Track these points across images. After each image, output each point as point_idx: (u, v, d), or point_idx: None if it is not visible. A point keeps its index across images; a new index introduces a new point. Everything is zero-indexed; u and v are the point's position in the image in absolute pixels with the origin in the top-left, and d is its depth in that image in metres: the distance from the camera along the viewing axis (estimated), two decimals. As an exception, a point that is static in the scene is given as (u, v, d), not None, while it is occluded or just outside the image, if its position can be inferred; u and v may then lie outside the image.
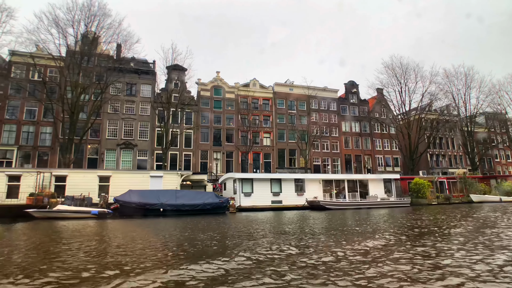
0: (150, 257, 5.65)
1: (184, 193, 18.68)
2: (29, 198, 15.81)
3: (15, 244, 7.73)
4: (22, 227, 11.97)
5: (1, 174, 17.35)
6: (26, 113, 33.61)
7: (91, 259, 5.50)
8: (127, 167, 34.80)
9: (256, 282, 3.77)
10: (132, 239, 8.34)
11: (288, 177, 23.02)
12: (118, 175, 19.67)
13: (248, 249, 6.14)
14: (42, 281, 3.97)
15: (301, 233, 9.17)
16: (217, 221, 14.09)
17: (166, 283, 3.82)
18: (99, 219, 14.92)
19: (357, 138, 44.65)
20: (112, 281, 3.87)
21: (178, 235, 9.22)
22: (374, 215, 15.49)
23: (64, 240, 8.38)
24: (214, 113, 39.43)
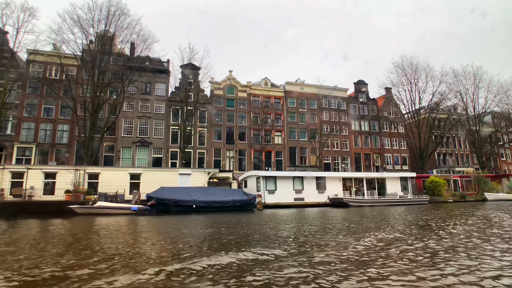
0: (215, 249, 6.22)
1: (214, 190, 19.25)
2: (68, 194, 16.32)
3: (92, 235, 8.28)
4: (75, 222, 12.51)
5: (38, 172, 17.84)
6: (43, 111, 33.99)
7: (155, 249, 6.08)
8: (143, 164, 35.27)
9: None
10: (189, 235, 8.92)
11: (310, 175, 23.64)
12: (149, 173, 20.20)
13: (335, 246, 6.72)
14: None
15: (360, 228, 9.74)
16: (256, 218, 14.67)
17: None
18: (139, 215, 15.47)
19: (366, 136, 45.28)
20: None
21: (236, 230, 9.78)
22: (405, 212, 16.09)
23: (129, 234, 8.96)
24: (227, 112, 39.94)
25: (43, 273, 4.33)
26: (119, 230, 10.07)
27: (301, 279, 3.85)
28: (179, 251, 6.09)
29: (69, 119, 34.70)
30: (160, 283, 3.84)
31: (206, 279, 3.94)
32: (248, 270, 4.38)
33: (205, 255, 5.43)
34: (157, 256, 5.56)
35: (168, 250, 6.19)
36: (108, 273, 4.25)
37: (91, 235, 8.79)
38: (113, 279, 3.92)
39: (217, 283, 3.72)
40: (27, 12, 28.14)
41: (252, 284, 3.71)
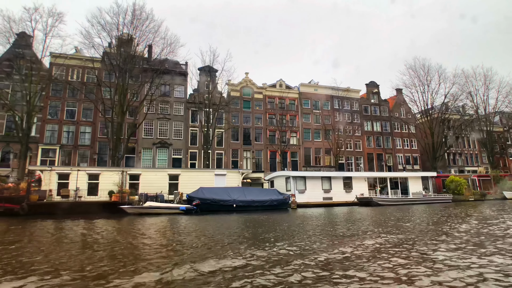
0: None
1: (250, 190, 19.90)
2: (115, 195, 16.92)
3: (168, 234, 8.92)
4: (134, 222, 13.12)
5: (83, 173, 18.42)
6: (66, 113, 34.52)
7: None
8: (163, 165, 35.85)
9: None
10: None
11: (337, 175, 24.36)
12: (186, 173, 20.82)
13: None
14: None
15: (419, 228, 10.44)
16: (300, 216, 15.35)
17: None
18: (187, 215, 16.10)
19: (378, 137, 46.06)
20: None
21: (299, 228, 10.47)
22: (440, 210, 16.83)
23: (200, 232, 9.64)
24: (244, 113, 40.60)
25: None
26: (187, 229, 10.74)
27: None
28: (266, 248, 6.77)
29: (90, 120, 35.28)
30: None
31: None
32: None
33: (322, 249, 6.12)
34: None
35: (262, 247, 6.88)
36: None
37: (174, 234, 9.44)
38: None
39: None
40: (55, 17, 28.68)
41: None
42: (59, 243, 7.73)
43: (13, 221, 12.80)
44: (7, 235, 8.93)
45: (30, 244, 7.48)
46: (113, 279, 4.11)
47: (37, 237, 8.99)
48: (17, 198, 15.83)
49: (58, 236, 9.19)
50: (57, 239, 8.58)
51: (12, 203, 15.69)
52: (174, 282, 3.98)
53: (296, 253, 5.71)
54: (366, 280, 3.85)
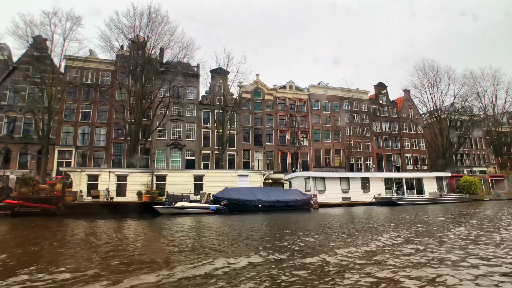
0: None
1: (274, 191, 20.34)
2: (146, 196, 17.33)
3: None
4: (174, 221, 13.54)
5: (112, 174, 18.81)
6: (81, 116, 34.91)
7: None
8: (176, 166, 36.25)
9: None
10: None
11: (355, 176, 24.80)
12: (211, 174, 21.23)
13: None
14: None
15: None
16: (328, 215, 15.79)
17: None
18: (217, 214, 16.52)
19: (387, 137, 46.52)
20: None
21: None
22: (467, 208, 17.28)
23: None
24: (255, 114, 41.03)
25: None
26: (232, 227, 11.18)
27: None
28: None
29: (105, 122, 35.69)
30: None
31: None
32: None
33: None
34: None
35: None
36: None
37: (221, 232, 9.88)
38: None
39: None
40: (73, 20, 29.08)
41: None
42: (149, 240, 8.19)
43: (58, 221, 13.19)
44: (99, 235, 9.28)
45: (135, 242, 7.90)
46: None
47: (123, 235, 9.42)
48: (53, 199, 16.23)
49: (128, 234, 9.65)
50: (134, 236, 9.05)
51: (48, 204, 16.08)
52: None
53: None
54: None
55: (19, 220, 13.60)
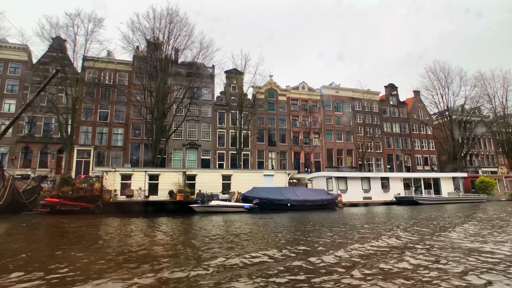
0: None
1: (301, 190, 20.84)
2: (180, 195, 17.82)
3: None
4: (215, 219, 14.03)
5: (144, 174, 19.30)
6: (99, 116, 35.37)
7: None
8: (192, 166, 36.71)
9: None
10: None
11: (375, 176, 25.31)
12: (238, 174, 21.72)
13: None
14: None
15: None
16: (359, 214, 16.29)
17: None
18: (251, 213, 17.01)
19: (397, 138, 47.03)
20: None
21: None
22: (497, 208, 17.78)
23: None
24: (268, 115, 41.51)
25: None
26: (278, 226, 11.70)
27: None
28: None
29: (123, 122, 36.16)
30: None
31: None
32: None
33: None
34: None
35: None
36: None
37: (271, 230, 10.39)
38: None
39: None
40: (95, 22, 29.56)
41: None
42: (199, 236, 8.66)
43: (108, 219, 13.67)
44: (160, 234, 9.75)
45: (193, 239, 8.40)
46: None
47: (171, 233, 9.90)
48: (91, 198, 16.71)
49: (180, 230, 10.12)
50: (185, 233, 9.52)
51: (87, 202, 16.55)
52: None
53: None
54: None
55: (69, 218, 14.07)
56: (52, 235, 9.78)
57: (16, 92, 33.33)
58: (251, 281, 4.03)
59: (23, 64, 34.02)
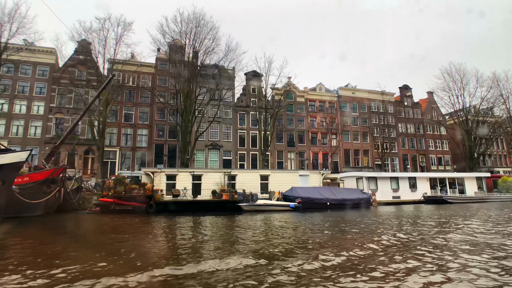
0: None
1: (338, 190, 21.51)
2: (225, 194, 18.48)
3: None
4: (268, 218, 14.72)
5: (188, 174, 19.95)
6: (124, 117, 36.03)
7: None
8: (214, 166, 37.38)
9: None
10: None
11: (403, 176, 25.99)
12: (275, 174, 22.38)
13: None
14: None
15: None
16: (399, 213, 16.97)
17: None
18: (295, 212, 17.68)
19: (412, 138, 47.70)
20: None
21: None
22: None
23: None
24: (287, 116, 42.17)
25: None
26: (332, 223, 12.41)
27: None
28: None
29: (147, 123, 36.83)
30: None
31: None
32: None
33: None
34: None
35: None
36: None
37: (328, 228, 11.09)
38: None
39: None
40: (124, 26, 30.23)
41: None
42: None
43: (166, 218, 14.35)
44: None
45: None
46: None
47: (244, 229, 10.58)
48: (144, 197, 17.35)
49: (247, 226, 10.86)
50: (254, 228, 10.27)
51: (139, 202, 17.20)
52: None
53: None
54: None
55: (132, 217, 14.73)
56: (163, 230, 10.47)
57: (44, 94, 33.96)
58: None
59: (50, 67, 34.66)
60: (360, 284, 4.12)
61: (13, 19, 27.22)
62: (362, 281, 4.24)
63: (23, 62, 32.43)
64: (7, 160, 10.88)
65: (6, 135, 32.09)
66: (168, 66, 38.88)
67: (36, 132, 33.23)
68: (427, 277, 4.35)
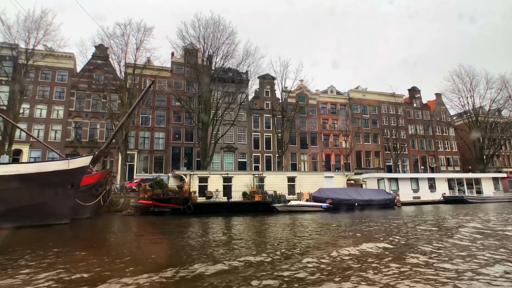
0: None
1: (363, 191, 22.06)
2: (258, 195, 19.00)
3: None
4: (310, 217, 15.27)
5: (218, 176, 20.48)
6: (141, 120, 36.53)
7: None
8: (230, 168, 37.87)
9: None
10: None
11: (423, 176, 26.56)
12: (301, 176, 22.90)
13: None
14: None
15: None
16: (427, 212, 17.55)
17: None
18: (327, 212, 18.22)
19: (421, 140, 48.35)
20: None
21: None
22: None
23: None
24: (300, 118, 42.75)
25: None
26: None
27: None
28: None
29: (163, 127, 37.35)
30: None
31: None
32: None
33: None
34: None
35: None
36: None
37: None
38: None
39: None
40: (145, 31, 30.78)
41: None
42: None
43: (205, 220, 14.89)
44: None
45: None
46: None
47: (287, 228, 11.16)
48: (181, 199, 17.83)
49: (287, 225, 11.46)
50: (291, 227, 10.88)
51: (177, 204, 17.67)
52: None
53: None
54: None
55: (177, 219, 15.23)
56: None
57: (63, 99, 34.43)
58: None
59: (69, 71, 35.15)
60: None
61: (39, 26, 27.72)
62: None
63: (44, 67, 32.90)
64: (77, 165, 11.38)
65: (28, 139, 32.46)
66: (183, 69, 39.61)
67: (56, 136, 33.65)
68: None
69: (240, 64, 32.66)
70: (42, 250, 7.11)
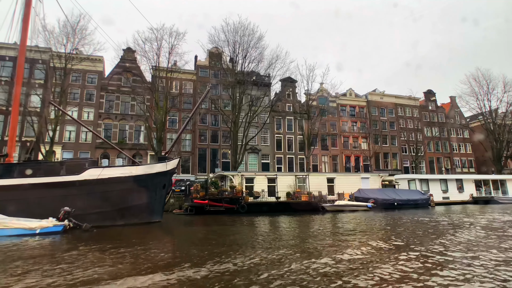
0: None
1: (400, 191, 22.94)
2: (304, 196, 19.85)
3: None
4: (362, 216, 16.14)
5: (264, 177, 21.33)
6: (169, 123, 37.30)
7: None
8: (254, 169, 38.68)
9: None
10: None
11: (451, 177, 27.45)
12: (340, 177, 23.73)
13: None
14: None
15: None
16: (462, 211, 18.40)
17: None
18: (372, 211, 19.08)
19: (437, 141, 49.24)
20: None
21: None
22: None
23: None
24: (322, 120, 43.62)
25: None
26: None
27: None
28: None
29: (190, 129, 38.13)
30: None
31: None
32: None
33: None
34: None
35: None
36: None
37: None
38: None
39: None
40: (178, 36, 31.63)
41: None
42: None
43: (263, 218, 15.76)
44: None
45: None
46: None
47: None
48: (234, 199, 18.65)
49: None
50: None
51: (230, 204, 18.49)
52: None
53: None
54: None
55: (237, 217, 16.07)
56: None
57: (93, 101, 35.22)
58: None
59: (98, 74, 35.96)
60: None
61: (75, 31, 28.53)
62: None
63: (75, 70, 33.70)
64: (171, 166, 12.18)
65: (60, 140, 33.24)
66: (207, 73, 40.49)
67: (87, 138, 34.41)
68: None
69: (269, 68, 33.37)
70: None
